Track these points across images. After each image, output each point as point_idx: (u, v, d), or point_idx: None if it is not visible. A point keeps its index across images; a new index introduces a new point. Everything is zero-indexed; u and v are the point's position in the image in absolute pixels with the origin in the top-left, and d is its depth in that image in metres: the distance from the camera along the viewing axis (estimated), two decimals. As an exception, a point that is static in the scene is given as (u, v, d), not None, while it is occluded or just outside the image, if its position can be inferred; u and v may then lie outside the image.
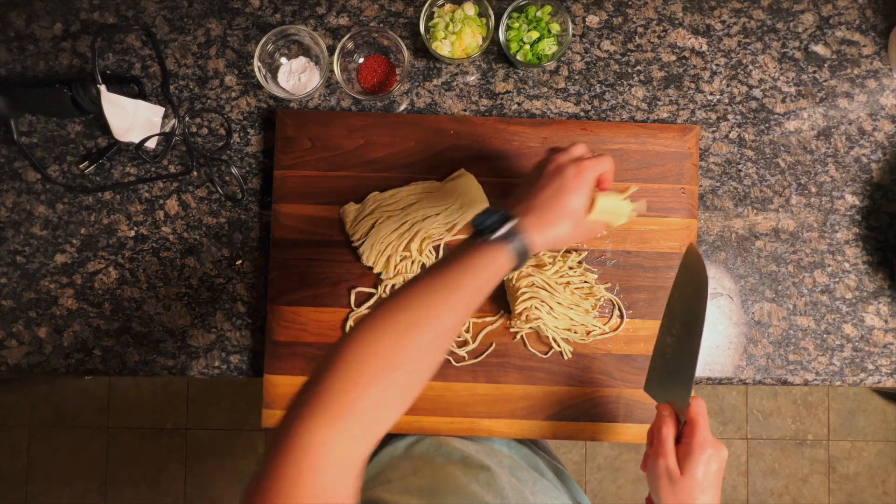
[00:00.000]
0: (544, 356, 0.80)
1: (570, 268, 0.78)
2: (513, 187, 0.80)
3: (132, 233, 0.83)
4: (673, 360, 0.64)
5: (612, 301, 0.80)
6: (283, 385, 0.80)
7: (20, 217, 0.83)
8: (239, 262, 0.83)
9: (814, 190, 0.84)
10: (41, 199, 0.83)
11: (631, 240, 0.80)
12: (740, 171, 0.84)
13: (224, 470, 1.81)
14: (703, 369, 0.83)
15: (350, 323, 0.79)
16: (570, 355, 0.79)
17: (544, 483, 0.72)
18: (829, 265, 0.84)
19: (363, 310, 0.80)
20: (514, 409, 0.80)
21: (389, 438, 0.82)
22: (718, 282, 0.83)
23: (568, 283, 0.77)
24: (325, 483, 0.43)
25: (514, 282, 0.77)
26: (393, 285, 0.79)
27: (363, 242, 0.78)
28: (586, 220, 0.61)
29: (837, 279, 0.84)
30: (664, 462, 0.61)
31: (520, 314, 0.76)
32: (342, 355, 0.47)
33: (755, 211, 0.84)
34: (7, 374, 0.83)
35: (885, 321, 0.84)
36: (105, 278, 0.83)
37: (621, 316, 0.80)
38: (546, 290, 0.76)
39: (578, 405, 0.80)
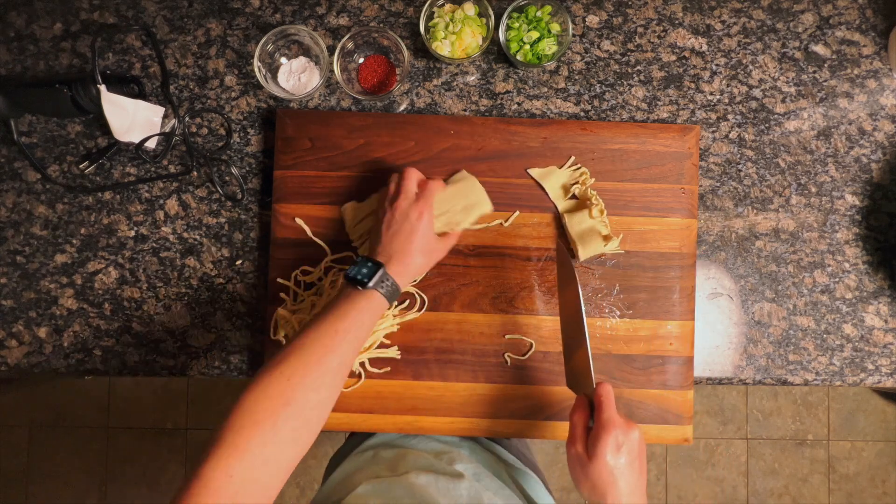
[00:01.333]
0: (545, 356, 0.80)
1: None
2: (513, 188, 0.80)
3: (132, 233, 0.83)
4: (571, 353, 0.70)
5: (413, 294, 0.80)
6: (283, 385, 0.80)
7: (20, 217, 0.83)
8: (239, 262, 0.83)
9: (814, 190, 0.84)
10: (41, 199, 0.83)
11: (631, 240, 0.80)
12: (740, 171, 0.84)
13: (224, 470, 1.81)
14: (702, 369, 0.83)
15: None
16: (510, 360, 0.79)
17: (507, 491, 0.73)
18: (829, 265, 0.84)
19: None
20: (514, 409, 0.80)
21: (357, 444, 0.84)
22: (718, 282, 0.83)
23: None
24: None
25: None
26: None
27: (364, 243, 0.78)
28: (438, 243, 0.72)
29: (837, 279, 0.84)
30: (574, 449, 0.63)
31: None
32: (240, 401, 0.55)
33: (755, 211, 0.84)
34: (7, 374, 0.83)
35: (885, 321, 0.84)
36: (105, 278, 0.83)
37: (422, 306, 0.80)
38: None
39: (578, 405, 0.80)
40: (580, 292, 0.67)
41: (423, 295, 0.80)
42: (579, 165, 0.80)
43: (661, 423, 0.79)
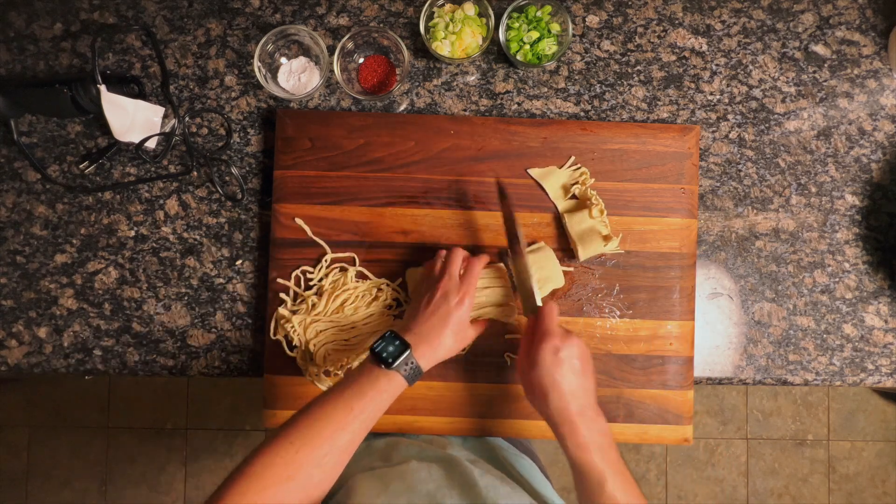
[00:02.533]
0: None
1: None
2: (513, 188, 0.80)
3: (132, 233, 0.83)
4: (519, 279, 0.73)
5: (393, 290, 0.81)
6: (283, 385, 0.80)
7: (20, 217, 0.83)
8: (239, 262, 0.83)
9: (814, 190, 0.84)
10: (41, 199, 0.83)
11: (631, 240, 0.80)
12: (740, 171, 0.84)
13: (224, 470, 1.81)
14: (702, 369, 0.83)
15: None
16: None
17: (498, 473, 0.73)
18: (829, 265, 0.84)
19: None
20: (514, 409, 0.80)
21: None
22: (718, 282, 0.83)
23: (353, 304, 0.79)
24: None
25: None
26: None
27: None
28: (470, 329, 0.71)
29: (837, 279, 0.84)
30: (520, 361, 0.68)
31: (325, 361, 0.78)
32: (246, 465, 0.56)
33: (755, 211, 0.84)
34: (7, 374, 0.83)
35: (885, 321, 0.84)
36: (105, 278, 0.83)
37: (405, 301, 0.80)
38: (330, 325, 0.78)
39: (578, 405, 0.80)
40: (516, 218, 0.72)
41: None
42: (579, 165, 0.80)
43: (661, 423, 0.79)
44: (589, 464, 0.63)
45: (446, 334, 0.68)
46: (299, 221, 0.80)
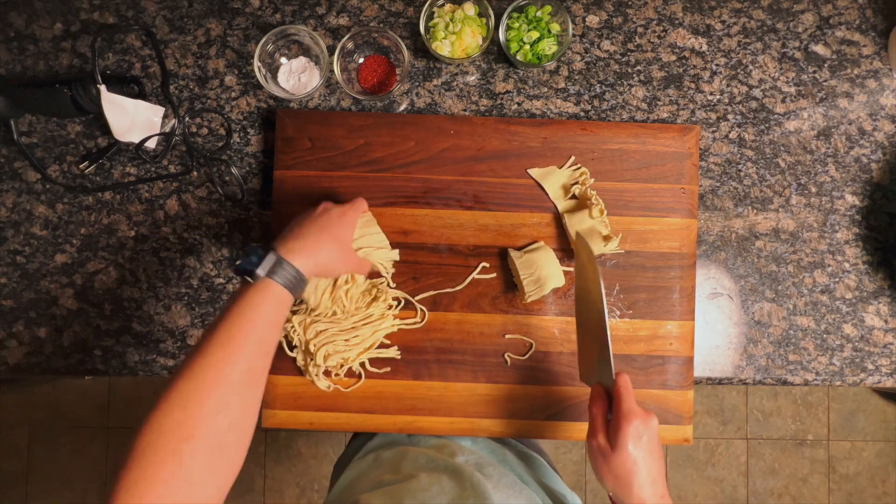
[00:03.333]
0: (544, 356, 0.80)
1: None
2: (513, 188, 0.80)
3: (132, 233, 0.83)
4: (588, 344, 0.68)
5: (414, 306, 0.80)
6: (283, 385, 0.80)
7: (20, 217, 0.83)
8: (239, 262, 0.83)
9: (814, 190, 0.84)
10: (41, 199, 0.83)
11: (631, 240, 0.80)
12: (740, 171, 0.84)
13: (224, 470, 1.81)
14: (702, 369, 0.83)
15: None
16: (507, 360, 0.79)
17: (510, 477, 0.73)
18: (829, 265, 0.84)
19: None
20: (514, 409, 0.80)
21: (359, 447, 0.83)
22: (718, 282, 0.83)
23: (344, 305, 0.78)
24: None
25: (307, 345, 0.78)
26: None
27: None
28: (356, 254, 0.69)
29: (837, 279, 0.84)
30: (595, 441, 0.63)
31: (325, 361, 0.78)
32: (139, 434, 0.48)
33: (755, 211, 0.84)
34: (7, 374, 0.83)
35: (885, 321, 0.84)
36: (105, 278, 0.83)
37: (415, 309, 0.80)
38: (330, 325, 0.78)
39: (578, 405, 0.80)
40: (601, 283, 0.64)
41: (424, 309, 0.80)
42: (579, 165, 0.80)
43: (661, 423, 0.79)
44: None
45: (325, 240, 0.63)
46: (299, 221, 0.80)
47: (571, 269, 0.80)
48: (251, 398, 0.53)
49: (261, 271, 0.57)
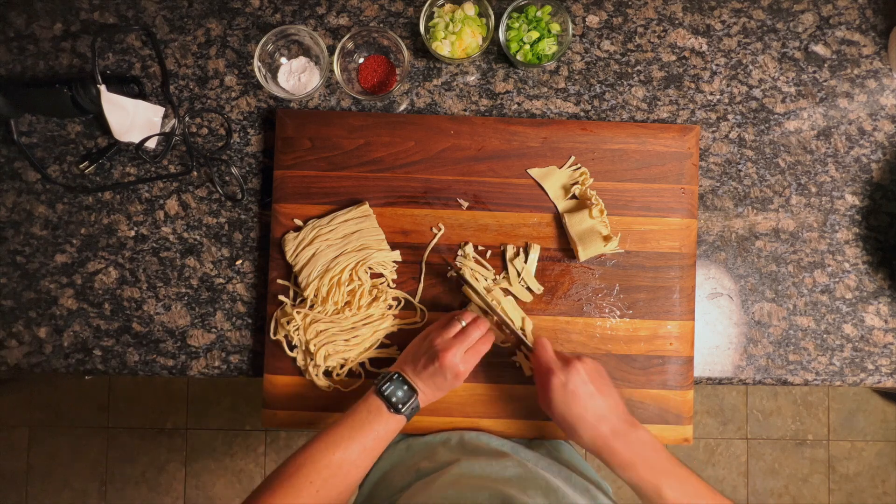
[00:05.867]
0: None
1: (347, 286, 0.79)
2: (513, 188, 0.80)
3: (132, 233, 0.83)
4: (509, 339, 0.73)
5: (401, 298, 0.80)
6: (283, 385, 0.80)
7: (20, 217, 0.83)
8: (239, 262, 0.83)
9: (814, 190, 0.84)
10: (41, 199, 0.83)
11: (631, 240, 0.80)
12: (740, 171, 0.84)
13: (224, 470, 1.81)
14: (702, 369, 0.83)
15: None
16: None
17: (546, 461, 0.73)
18: (829, 265, 0.84)
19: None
20: (514, 409, 0.80)
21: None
22: (718, 282, 0.83)
23: (347, 303, 0.78)
24: None
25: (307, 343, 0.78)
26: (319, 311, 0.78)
27: (302, 272, 0.78)
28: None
29: (837, 279, 0.84)
30: (541, 406, 0.66)
31: (325, 360, 0.78)
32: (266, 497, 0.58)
33: (755, 211, 0.84)
34: (7, 374, 0.83)
35: (885, 321, 0.84)
36: (105, 278, 0.83)
37: (415, 308, 0.80)
38: (330, 325, 0.78)
39: (578, 405, 0.80)
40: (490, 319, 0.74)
41: (424, 309, 0.80)
42: (579, 165, 0.80)
43: (661, 423, 0.79)
44: (640, 479, 0.62)
45: (444, 390, 0.70)
46: (299, 222, 0.80)
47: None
48: (341, 499, 0.63)
49: (406, 413, 0.67)
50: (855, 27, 0.85)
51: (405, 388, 0.67)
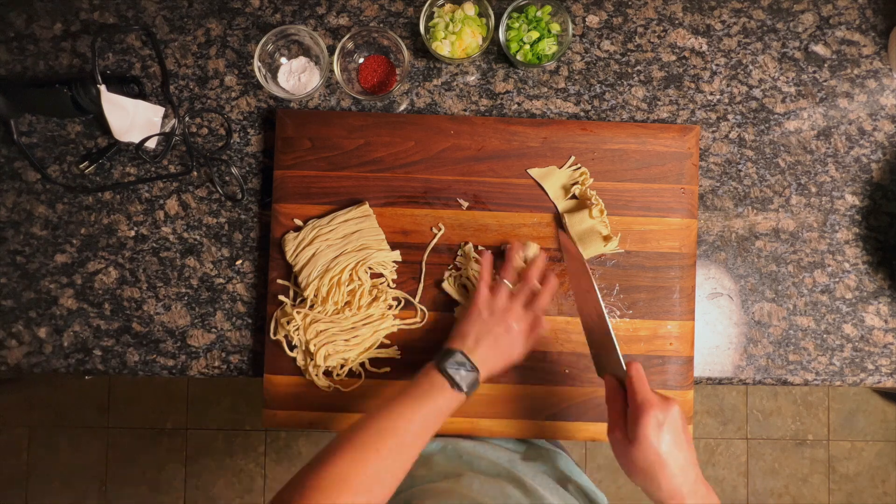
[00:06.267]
0: (543, 356, 0.80)
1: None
2: (513, 188, 0.80)
3: (132, 233, 0.83)
4: (594, 338, 0.71)
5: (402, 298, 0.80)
6: (283, 385, 0.80)
7: (20, 217, 0.83)
8: (239, 262, 0.83)
9: (814, 190, 0.84)
10: (41, 199, 0.83)
11: (631, 240, 0.80)
12: (740, 171, 0.84)
13: (224, 470, 1.81)
14: (703, 369, 0.83)
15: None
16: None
17: (543, 478, 0.73)
18: (829, 265, 0.84)
19: None
20: (514, 409, 0.80)
21: None
22: (718, 282, 0.83)
23: (347, 303, 0.78)
24: None
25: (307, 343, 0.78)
26: (319, 311, 0.78)
27: (302, 272, 0.78)
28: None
29: (837, 279, 0.84)
30: (613, 435, 0.61)
31: (325, 361, 0.78)
32: (331, 469, 0.56)
33: (755, 211, 0.84)
34: (7, 374, 0.83)
35: (885, 321, 0.84)
36: (105, 278, 0.83)
37: (415, 309, 0.80)
38: (330, 325, 0.78)
39: (578, 405, 0.80)
40: (592, 277, 0.69)
41: (424, 309, 0.80)
42: (579, 165, 0.80)
43: (661, 423, 0.79)
44: None
45: (506, 362, 0.71)
46: (299, 222, 0.80)
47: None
48: (402, 473, 0.61)
49: (468, 390, 0.66)
50: (855, 27, 0.85)
51: (468, 365, 0.67)
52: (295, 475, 0.57)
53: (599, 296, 0.68)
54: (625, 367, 0.62)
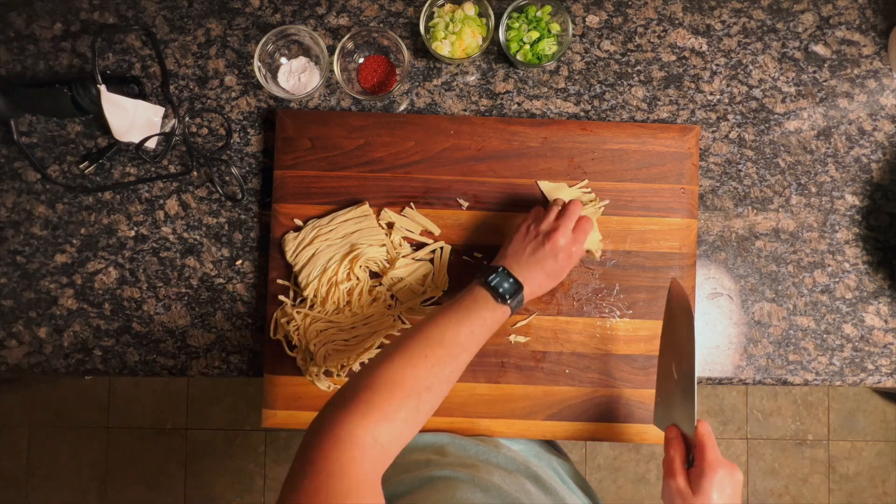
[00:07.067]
0: (543, 356, 0.80)
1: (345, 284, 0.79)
2: (513, 188, 0.80)
3: (132, 233, 0.83)
4: (671, 387, 0.70)
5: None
6: (283, 385, 0.80)
7: (20, 217, 0.83)
8: (239, 262, 0.83)
9: (814, 190, 0.84)
10: (41, 199, 0.83)
11: (631, 240, 0.80)
12: (740, 171, 0.84)
13: (224, 470, 1.81)
14: (703, 369, 0.83)
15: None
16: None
17: (555, 479, 0.73)
18: (829, 265, 0.84)
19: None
20: (514, 409, 0.80)
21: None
22: (718, 282, 0.83)
23: (348, 303, 0.78)
24: (366, 472, 0.50)
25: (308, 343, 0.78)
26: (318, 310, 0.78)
27: (302, 272, 0.78)
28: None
29: (837, 279, 0.84)
30: (674, 483, 0.63)
31: (327, 363, 0.78)
32: (383, 367, 0.57)
33: (755, 211, 0.84)
34: (7, 374, 0.83)
35: (885, 321, 0.84)
36: (105, 278, 0.83)
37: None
38: (330, 325, 0.78)
39: (578, 405, 0.80)
40: (694, 330, 0.66)
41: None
42: (591, 190, 0.80)
43: (661, 423, 0.79)
44: None
45: (551, 282, 0.71)
46: (299, 222, 0.80)
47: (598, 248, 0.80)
48: (453, 385, 0.63)
49: (512, 304, 0.67)
50: (855, 27, 0.85)
51: (511, 279, 0.67)
52: (347, 381, 0.58)
53: (695, 350, 0.66)
54: (695, 424, 0.64)
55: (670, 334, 0.72)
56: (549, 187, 0.80)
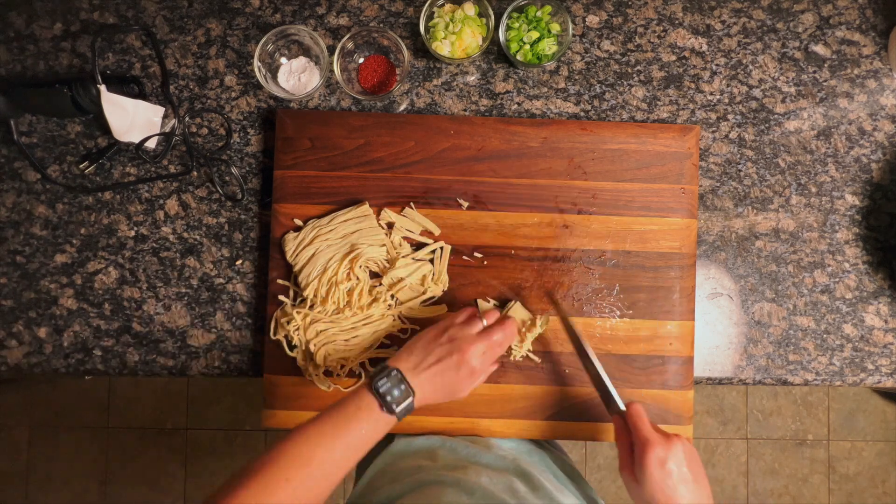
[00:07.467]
0: (543, 357, 0.80)
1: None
2: (513, 188, 0.80)
3: (132, 233, 0.83)
4: (595, 381, 0.72)
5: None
6: (283, 385, 0.80)
7: (20, 217, 0.83)
8: (239, 262, 0.83)
9: (814, 190, 0.84)
10: (41, 199, 0.83)
11: (631, 240, 0.80)
12: (740, 171, 0.84)
13: (224, 470, 1.81)
14: (703, 369, 0.83)
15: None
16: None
17: (550, 478, 0.72)
18: (829, 265, 0.84)
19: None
20: (514, 409, 0.80)
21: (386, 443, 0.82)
22: (718, 282, 0.83)
23: (348, 303, 0.78)
24: None
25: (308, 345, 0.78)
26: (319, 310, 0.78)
27: (302, 272, 0.78)
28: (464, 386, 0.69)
29: (837, 279, 0.84)
30: (624, 474, 0.62)
31: (326, 362, 0.78)
32: (230, 498, 0.53)
33: (755, 211, 0.84)
34: (7, 374, 0.83)
35: (885, 321, 0.84)
36: (105, 278, 0.83)
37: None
38: (330, 325, 0.78)
39: (578, 405, 0.80)
40: (583, 340, 0.73)
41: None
42: (533, 316, 0.79)
43: (661, 423, 0.79)
44: None
45: (445, 398, 0.68)
46: (299, 222, 0.80)
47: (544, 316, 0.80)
48: (318, 502, 0.59)
49: (399, 412, 0.62)
50: (855, 27, 0.85)
51: (402, 386, 0.63)
52: (202, 502, 0.54)
53: (588, 347, 0.71)
54: (623, 407, 0.64)
55: (574, 343, 0.76)
56: (486, 308, 0.79)
